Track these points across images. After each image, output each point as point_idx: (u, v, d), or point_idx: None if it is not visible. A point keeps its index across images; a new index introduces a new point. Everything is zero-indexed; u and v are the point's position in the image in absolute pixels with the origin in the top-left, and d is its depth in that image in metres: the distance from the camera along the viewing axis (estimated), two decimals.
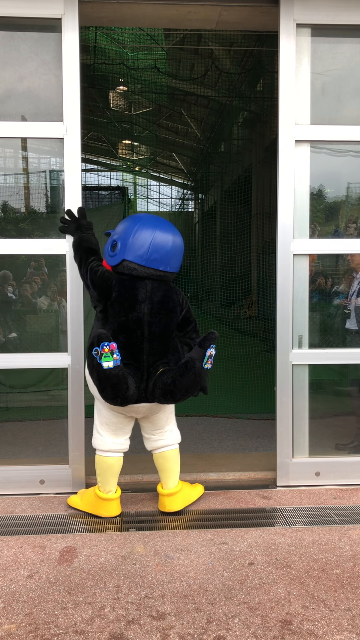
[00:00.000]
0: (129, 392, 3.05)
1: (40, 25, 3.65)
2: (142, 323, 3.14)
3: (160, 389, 3.08)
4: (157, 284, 3.19)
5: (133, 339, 3.13)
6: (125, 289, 3.14)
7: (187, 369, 3.02)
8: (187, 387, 3.06)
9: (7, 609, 2.49)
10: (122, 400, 3.07)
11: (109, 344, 2.97)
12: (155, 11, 3.81)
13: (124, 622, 2.39)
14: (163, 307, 3.19)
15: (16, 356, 3.92)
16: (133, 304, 3.13)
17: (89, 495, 3.49)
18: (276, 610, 2.48)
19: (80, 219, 3.54)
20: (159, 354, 3.17)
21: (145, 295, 3.15)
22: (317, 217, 4.03)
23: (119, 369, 2.99)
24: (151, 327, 3.15)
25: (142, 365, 3.14)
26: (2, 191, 4.16)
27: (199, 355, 3.03)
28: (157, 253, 3.12)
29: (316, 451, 3.95)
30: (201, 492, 3.67)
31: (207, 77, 11.18)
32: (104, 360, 2.97)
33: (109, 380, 3.00)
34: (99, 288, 3.18)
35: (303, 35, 3.74)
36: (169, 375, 3.06)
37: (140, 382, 3.13)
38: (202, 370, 3.05)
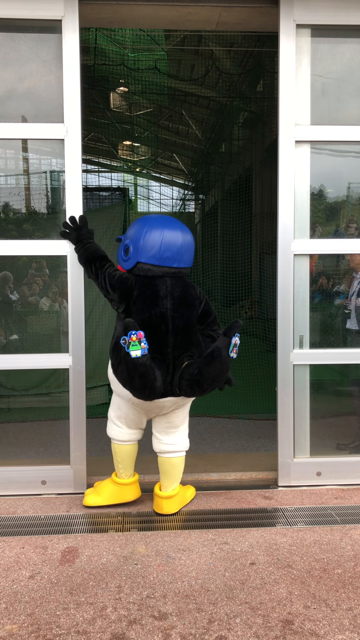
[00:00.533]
0: (157, 383, 3.09)
1: (41, 26, 3.66)
2: (165, 318, 3.21)
3: (187, 380, 3.13)
4: (174, 280, 3.29)
5: (158, 333, 3.17)
6: (146, 286, 3.22)
7: (213, 357, 3.07)
8: (213, 376, 3.10)
9: (9, 609, 2.50)
10: (150, 391, 3.10)
11: (136, 332, 3.01)
12: (155, 12, 3.81)
13: (126, 622, 2.40)
14: (184, 301, 3.27)
15: (17, 357, 3.93)
16: (155, 300, 3.21)
17: (106, 488, 3.55)
18: (278, 610, 2.48)
19: (81, 228, 3.57)
20: (184, 347, 3.23)
21: (166, 291, 3.23)
22: (318, 217, 4.03)
23: (146, 358, 3.02)
24: (174, 321, 3.22)
25: (168, 358, 3.19)
26: (3, 192, 4.17)
27: (225, 344, 3.09)
28: (169, 251, 3.21)
29: (317, 451, 3.96)
30: (194, 493, 3.70)
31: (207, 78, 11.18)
32: (132, 349, 3.00)
33: (137, 369, 3.02)
34: (118, 290, 3.26)
35: (303, 35, 3.74)
36: (195, 366, 3.12)
37: (166, 375, 3.17)
38: (228, 358, 3.11)
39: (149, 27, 4.41)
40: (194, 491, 3.70)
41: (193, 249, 3.37)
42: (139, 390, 3.11)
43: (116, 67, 9.70)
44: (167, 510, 3.43)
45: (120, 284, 3.26)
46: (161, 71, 9.99)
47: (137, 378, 3.05)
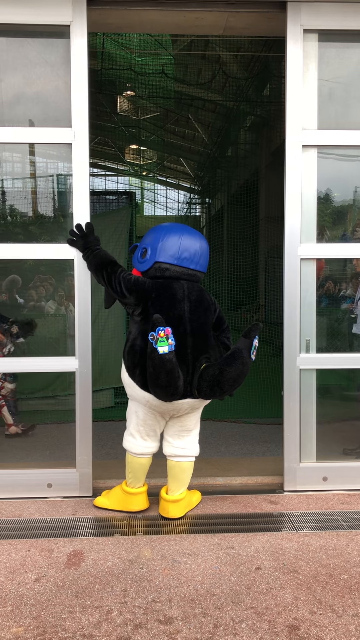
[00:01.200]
0: (180, 382, 3.11)
1: (49, 31, 3.68)
2: (183, 320, 3.23)
3: (207, 382, 3.13)
4: (191, 284, 3.34)
5: (176, 335, 3.18)
6: (164, 289, 3.26)
7: (234, 358, 3.09)
8: (235, 376, 3.11)
9: (15, 612, 2.50)
10: (174, 390, 3.11)
11: (164, 328, 3.04)
12: (163, 17, 3.83)
13: (131, 626, 2.39)
14: (200, 305, 3.32)
15: (24, 360, 3.94)
16: (173, 302, 3.24)
17: (116, 493, 3.56)
18: (283, 615, 2.48)
19: (88, 235, 3.58)
20: (201, 349, 3.26)
21: (183, 294, 3.27)
22: (325, 222, 4.03)
23: (172, 355, 3.04)
24: (192, 324, 3.26)
25: (187, 359, 3.21)
26: (11, 196, 4.19)
27: (246, 345, 3.12)
28: (187, 252, 3.28)
29: (323, 456, 3.94)
30: (199, 498, 3.69)
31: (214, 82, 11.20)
32: (160, 345, 3.02)
33: (164, 365, 3.04)
34: (135, 293, 3.28)
35: (310, 40, 3.75)
36: (215, 367, 3.13)
37: (185, 376, 3.19)
38: (249, 359, 3.14)
39: (156, 32, 4.44)
40: (199, 496, 3.70)
41: (208, 256, 3.42)
42: (164, 388, 3.11)
43: (123, 72, 9.74)
44: (173, 514, 3.43)
45: (137, 287, 3.28)
46: (168, 75, 10.02)
47: (164, 375, 3.06)
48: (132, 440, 3.45)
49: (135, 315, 3.32)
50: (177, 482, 3.47)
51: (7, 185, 4.17)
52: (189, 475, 3.50)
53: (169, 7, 3.71)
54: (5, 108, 3.74)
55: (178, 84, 11.14)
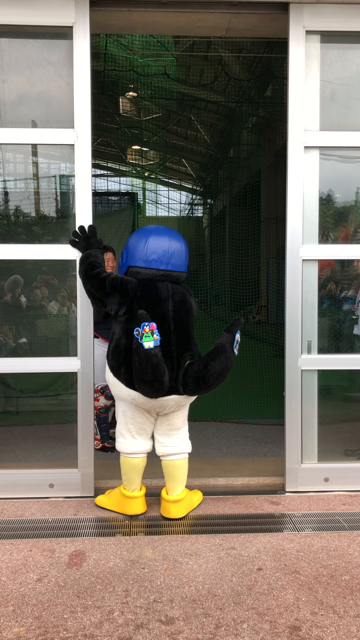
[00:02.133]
0: (166, 377, 3.14)
1: (52, 32, 3.69)
2: (167, 318, 3.28)
3: (192, 377, 3.18)
4: (174, 285, 3.38)
5: (160, 332, 3.22)
6: (149, 288, 3.31)
7: (218, 353, 3.17)
8: (219, 371, 3.17)
9: (17, 612, 2.51)
10: (160, 385, 3.14)
11: (149, 324, 3.08)
12: (166, 19, 3.84)
13: (133, 627, 2.40)
14: (183, 305, 3.37)
15: (26, 360, 3.95)
16: (157, 301, 3.29)
17: (115, 494, 3.57)
18: (285, 616, 2.48)
19: (90, 237, 3.61)
20: (185, 346, 3.32)
21: (167, 294, 3.32)
22: (327, 223, 4.03)
23: (158, 350, 3.09)
24: (176, 322, 3.31)
25: (172, 356, 3.25)
26: (13, 196, 4.20)
27: (229, 340, 3.21)
28: (154, 254, 3.32)
29: (325, 457, 3.95)
30: (201, 498, 3.69)
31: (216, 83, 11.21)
32: (145, 340, 3.06)
33: (150, 360, 3.07)
34: (120, 291, 3.31)
35: (312, 41, 3.75)
36: (200, 363, 3.19)
37: (170, 372, 3.22)
38: (233, 354, 3.21)
39: (159, 33, 4.44)
40: (201, 496, 3.70)
41: (183, 254, 3.43)
42: (150, 383, 3.13)
43: (126, 73, 9.76)
44: (175, 514, 3.43)
45: (120, 285, 3.31)
46: (170, 76, 10.03)
47: (150, 370, 3.09)
48: (122, 440, 3.46)
49: (119, 314, 3.35)
50: (174, 481, 3.47)
51: (10, 186, 4.18)
52: (184, 472, 3.50)
53: (171, 8, 3.71)
54: (8, 109, 3.75)
55: (180, 85, 11.15)
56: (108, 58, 9.11)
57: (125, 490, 3.49)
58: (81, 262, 3.52)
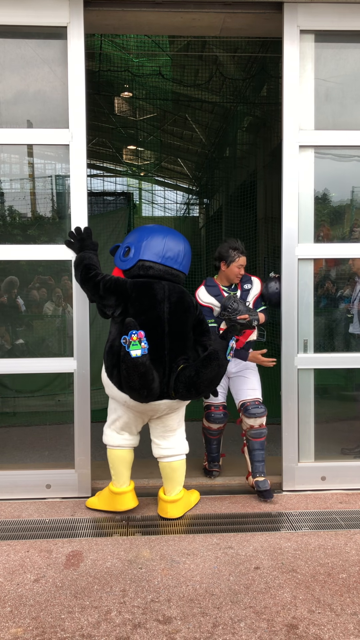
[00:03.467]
0: (155, 384, 3.12)
1: (47, 33, 3.69)
2: (162, 321, 3.24)
3: (183, 383, 3.15)
4: (172, 285, 3.34)
5: (154, 336, 3.20)
6: (144, 289, 3.27)
7: (210, 360, 3.12)
8: (211, 378, 3.14)
9: (14, 612, 2.50)
10: (148, 392, 3.12)
11: (137, 332, 3.06)
12: (160, 19, 3.84)
13: (130, 626, 2.40)
14: (180, 306, 3.31)
15: (23, 361, 3.95)
16: (153, 303, 3.25)
17: (104, 494, 3.57)
18: (282, 614, 2.48)
19: (85, 239, 3.59)
20: (179, 350, 3.27)
21: (163, 295, 3.28)
22: (322, 222, 4.04)
23: (146, 358, 3.06)
24: (171, 325, 3.26)
25: (164, 360, 3.21)
26: (8, 197, 4.19)
27: (222, 347, 3.21)
28: (171, 252, 3.32)
29: (322, 456, 3.95)
30: (198, 498, 3.70)
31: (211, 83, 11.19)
32: (132, 349, 3.04)
33: (137, 369, 3.05)
34: (115, 293, 3.28)
35: (307, 41, 3.76)
36: (191, 369, 3.15)
37: (162, 377, 3.20)
38: (225, 360, 3.21)
39: (153, 33, 4.44)
40: (198, 495, 3.70)
41: (190, 258, 3.47)
42: (137, 391, 3.13)
43: (121, 73, 9.74)
44: (172, 514, 3.43)
45: (115, 287, 3.28)
46: (165, 76, 10.02)
47: (137, 378, 3.07)
48: (108, 433, 3.48)
49: (115, 316, 3.33)
50: (171, 482, 3.47)
51: (5, 187, 4.17)
52: (181, 474, 3.50)
53: (165, 8, 3.71)
54: (3, 109, 3.74)
55: (175, 85, 11.13)
56: (103, 58, 9.10)
57: (113, 487, 3.49)
58: (76, 266, 3.49)
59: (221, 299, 3.86)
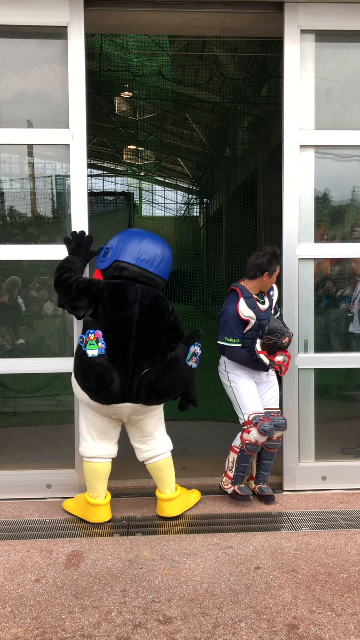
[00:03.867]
0: (113, 386, 3.09)
1: (47, 32, 3.68)
2: (130, 323, 3.21)
3: (144, 387, 3.12)
4: (146, 288, 3.30)
5: (120, 337, 3.18)
6: (116, 290, 3.25)
7: (170, 365, 3.10)
8: (170, 384, 3.11)
9: (15, 612, 2.50)
10: (106, 393, 3.10)
11: (94, 331, 3.06)
12: (160, 18, 3.84)
13: (131, 626, 2.40)
14: (152, 310, 3.28)
15: (23, 361, 3.95)
16: (123, 305, 3.22)
17: (81, 499, 3.50)
18: (283, 614, 2.48)
19: (81, 244, 3.55)
20: (145, 353, 3.22)
21: (135, 298, 3.25)
22: (323, 222, 4.04)
23: (103, 359, 3.05)
24: (139, 327, 3.22)
25: (128, 363, 3.18)
26: (9, 197, 4.19)
27: (183, 352, 3.12)
28: (147, 254, 3.30)
29: (322, 455, 3.95)
30: (198, 497, 3.67)
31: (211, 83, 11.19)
32: (89, 348, 3.04)
33: (93, 369, 3.05)
34: (87, 294, 3.27)
35: (307, 40, 3.76)
36: (152, 373, 3.12)
37: (125, 379, 3.16)
38: (186, 367, 3.12)
39: (154, 32, 4.44)
40: (198, 495, 3.70)
41: (170, 264, 3.44)
42: (95, 392, 3.12)
43: (121, 72, 9.74)
44: (169, 513, 3.43)
45: (87, 288, 3.27)
46: (165, 76, 10.02)
47: (93, 378, 3.07)
48: (84, 444, 3.40)
49: (81, 317, 3.31)
50: (161, 481, 3.44)
51: (5, 187, 4.17)
52: (169, 471, 3.44)
53: (166, 8, 3.71)
54: (3, 109, 3.74)
55: (176, 85, 11.13)
56: (103, 58, 9.10)
57: (89, 497, 3.40)
58: (57, 268, 3.44)
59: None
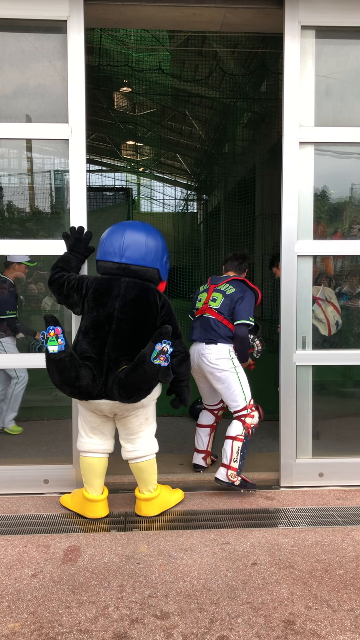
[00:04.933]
0: (80, 382, 3.08)
1: (46, 26, 3.67)
2: (111, 318, 3.19)
3: (116, 384, 3.10)
4: (132, 282, 3.27)
5: (100, 332, 3.18)
6: (100, 285, 3.25)
7: (137, 363, 3.07)
8: (137, 382, 3.07)
9: (12, 607, 2.51)
10: (72, 389, 3.11)
11: (54, 327, 3.07)
12: (160, 13, 3.82)
13: (128, 622, 2.40)
14: (135, 304, 3.22)
15: (20, 356, 3.94)
16: (106, 300, 3.21)
17: (78, 495, 3.50)
18: (279, 610, 2.49)
19: (80, 240, 3.53)
20: (123, 350, 3.17)
21: (118, 292, 3.23)
22: (321, 219, 4.04)
23: (65, 354, 3.06)
24: (120, 323, 3.19)
25: (103, 359, 3.15)
26: (7, 192, 4.18)
27: (149, 350, 3.08)
28: (110, 246, 3.29)
29: (320, 452, 3.96)
30: (181, 497, 3.63)
31: (211, 79, 11.17)
32: (50, 344, 3.07)
33: (55, 365, 3.07)
34: (77, 291, 3.28)
35: (307, 37, 3.75)
36: (123, 372, 3.10)
37: (100, 376, 3.13)
38: (152, 365, 3.06)
39: (153, 27, 4.42)
40: (181, 495, 3.64)
41: (143, 248, 3.27)
42: (59, 387, 3.15)
43: (120, 68, 9.71)
44: (146, 513, 3.41)
45: (77, 284, 3.28)
46: (165, 72, 10.00)
47: (56, 374, 3.09)
48: (79, 439, 3.41)
49: (78, 314, 3.34)
50: (142, 481, 3.42)
51: (4, 181, 4.16)
52: (149, 474, 3.41)
53: (166, 2, 3.70)
54: (2, 103, 3.72)
55: (175, 80, 11.11)
56: (102, 53, 9.07)
57: (86, 493, 3.40)
58: (51, 268, 3.43)
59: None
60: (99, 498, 3.39)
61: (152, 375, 3.08)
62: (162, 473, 3.56)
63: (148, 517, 3.40)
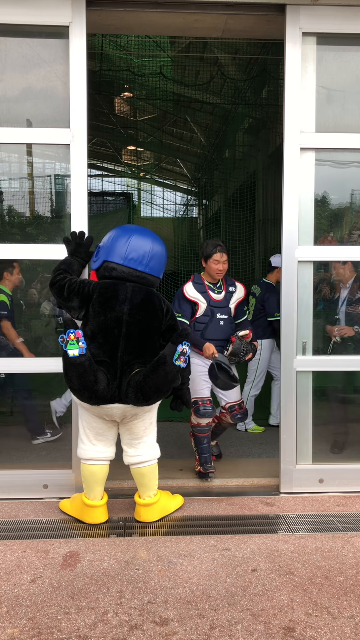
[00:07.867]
0: (98, 386, 3.07)
1: (48, 32, 3.68)
2: (120, 322, 3.18)
3: (132, 388, 3.10)
4: (138, 287, 3.27)
5: (110, 337, 3.16)
6: (106, 290, 3.23)
7: (157, 365, 3.07)
8: (157, 384, 3.08)
9: (11, 613, 2.50)
10: (91, 394, 3.09)
11: (74, 331, 3.04)
12: (162, 19, 3.83)
13: (127, 628, 2.39)
14: (143, 309, 3.23)
15: (21, 361, 3.94)
16: (113, 304, 3.20)
17: (77, 500, 3.48)
18: (279, 617, 2.48)
19: (81, 245, 3.52)
20: (136, 353, 3.18)
21: (125, 297, 3.22)
22: (322, 224, 4.04)
23: (85, 358, 3.03)
24: (129, 326, 3.19)
25: (116, 362, 3.15)
26: (8, 196, 4.19)
27: (170, 351, 3.09)
28: (134, 253, 3.24)
29: (320, 458, 3.95)
30: (180, 503, 3.62)
31: (212, 84, 11.21)
32: (70, 348, 3.02)
33: (75, 369, 3.04)
34: (79, 295, 3.25)
35: (309, 43, 3.76)
36: (140, 374, 3.10)
37: (113, 380, 3.13)
38: (173, 366, 3.09)
39: (155, 33, 4.44)
40: (180, 501, 3.63)
41: (162, 260, 3.36)
42: (78, 392, 3.12)
43: (121, 73, 9.74)
44: (145, 518, 3.40)
45: (79, 289, 3.25)
46: (166, 77, 10.02)
47: (76, 378, 3.06)
48: (81, 446, 3.38)
49: (80, 318, 3.30)
50: (142, 486, 3.41)
51: (5, 186, 4.17)
52: (151, 479, 3.40)
53: (168, 9, 3.71)
54: (4, 108, 3.73)
55: (176, 86, 11.14)
56: (104, 58, 9.10)
57: (85, 498, 3.38)
58: (53, 270, 3.42)
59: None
60: (99, 504, 3.38)
61: (172, 377, 3.11)
62: (162, 478, 3.55)
63: (147, 523, 3.39)
